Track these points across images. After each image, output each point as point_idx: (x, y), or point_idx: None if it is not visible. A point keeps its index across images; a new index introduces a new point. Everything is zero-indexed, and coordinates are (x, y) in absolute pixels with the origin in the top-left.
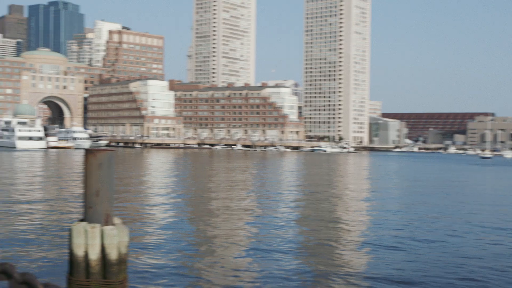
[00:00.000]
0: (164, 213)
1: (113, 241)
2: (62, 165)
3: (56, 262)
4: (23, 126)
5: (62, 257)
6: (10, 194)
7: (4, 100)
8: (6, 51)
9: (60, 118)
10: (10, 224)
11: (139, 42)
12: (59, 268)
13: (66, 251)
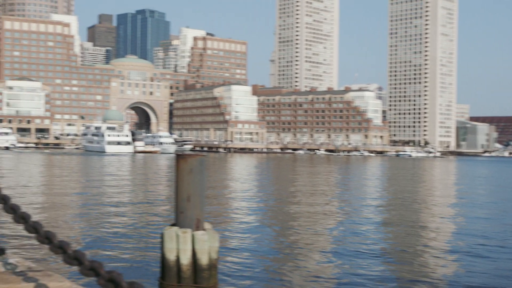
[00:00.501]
0: (248, 216)
1: (204, 246)
2: (149, 169)
3: (144, 265)
4: (112, 131)
5: (150, 260)
6: (100, 197)
7: (94, 106)
8: (96, 58)
9: (147, 123)
10: (100, 226)
11: (222, 48)
12: (146, 271)
13: (153, 254)
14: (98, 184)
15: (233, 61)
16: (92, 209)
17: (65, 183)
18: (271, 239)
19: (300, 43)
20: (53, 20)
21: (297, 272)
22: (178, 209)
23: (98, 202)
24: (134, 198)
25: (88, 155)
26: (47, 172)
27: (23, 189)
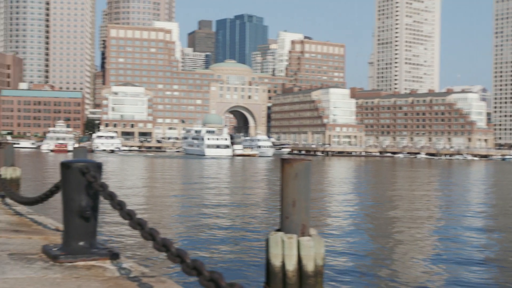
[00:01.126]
0: (346, 221)
1: (309, 252)
2: (248, 172)
3: (247, 269)
4: (212, 134)
5: (253, 265)
6: (201, 199)
7: (194, 110)
8: (196, 64)
9: (245, 126)
10: (201, 228)
11: (320, 51)
12: (249, 276)
13: (254, 258)
14: (198, 187)
15: (331, 64)
16: (193, 211)
17: (167, 185)
18: (370, 244)
19: (399, 44)
20: (156, 27)
21: (398, 279)
22: (283, 214)
23: (198, 204)
24: (233, 201)
25: (188, 158)
26: (149, 174)
27: (127, 190)
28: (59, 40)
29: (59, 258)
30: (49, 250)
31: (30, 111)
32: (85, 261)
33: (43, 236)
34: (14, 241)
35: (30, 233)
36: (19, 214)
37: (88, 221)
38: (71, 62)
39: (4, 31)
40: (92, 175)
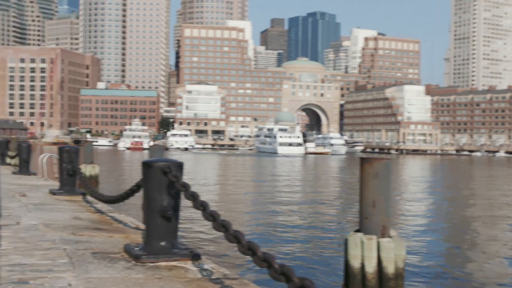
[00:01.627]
0: (423, 220)
1: (390, 254)
2: (321, 170)
3: (323, 269)
4: (284, 132)
5: (329, 265)
6: (274, 197)
7: (267, 108)
8: (268, 62)
9: (317, 124)
10: (275, 225)
11: (394, 47)
12: (327, 276)
13: (330, 258)
14: (270, 184)
15: (405, 61)
16: (265, 209)
17: (239, 183)
18: (448, 245)
19: (477, 39)
20: (229, 26)
21: (478, 281)
22: (362, 214)
23: (270, 202)
24: (306, 199)
25: (261, 156)
26: (222, 172)
27: (200, 187)
28: (135, 41)
29: (141, 258)
30: (131, 250)
31: (108, 109)
32: (166, 261)
33: (124, 235)
34: (96, 240)
35: (111, 232)
36: (100, 212)
37: (169, 221)
38: (146, 62)
39: (83, 33)
40: (174, 175)
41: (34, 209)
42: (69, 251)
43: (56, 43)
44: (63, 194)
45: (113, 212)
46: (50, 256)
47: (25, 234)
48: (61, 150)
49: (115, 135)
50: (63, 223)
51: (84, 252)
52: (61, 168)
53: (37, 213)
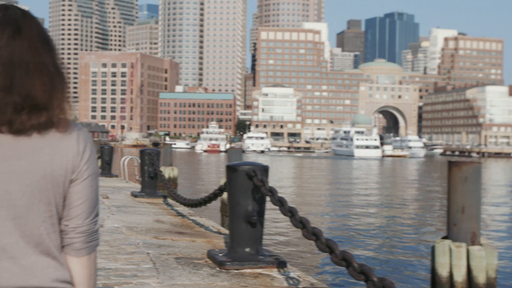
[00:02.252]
0: (510, 226)
1: (480, 263)
2: (399, 174)
3: (404, 275)
4: (361, 135)
5: (409, 271)
6: (352, 200)
7: (343, 110)
8: (344, 64)
9: (395, 127)
10: (353, 229)
11: (476, 47)
12: (406, 282)
13: (410, 264)
14: (347, 187)
15: (487, 61)
16: (342, 212)
17: (315, 185)
18: None
19: None
20: (305, 28)
21: None
22: (450, 220)
23: (348, 205)
24: (384, 203)
25: (337, 159)
26: (298, 174)
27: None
28: (212, 44)
29: (225, 265)
30: (215, 256)
31: (185, 112)
32: (251, 268)
33: (206, 239)
34: (179, 244)
35: (193, 236)
36: (181, 215)
37: (254, 227)
38: (223, 65)
39: (162, 37)
40: (260, 179)
41: (116, 212)
42: (152, 256)
43: (136, 48)
44: (144, 197)
45: (194, 216)
46: (134, 261)
47: (109, 237)
48: (142, 153)
49: (193, 138)
50: (145, 226)
51: (168, 257)
52: (143, 171)
53: (120, 216)
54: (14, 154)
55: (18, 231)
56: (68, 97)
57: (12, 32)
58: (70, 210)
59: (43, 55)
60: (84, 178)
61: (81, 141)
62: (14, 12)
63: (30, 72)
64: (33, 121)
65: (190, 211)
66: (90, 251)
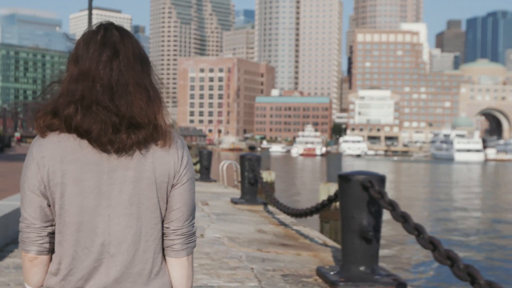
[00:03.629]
0: None
1: None
2: (503, 178)
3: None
4: (462, 138)
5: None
6: (454, 205)
7: (442, 113)
8: (444, 65)
9: (498, 129)
10: (458, 235)
11: None
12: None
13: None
14: (448, 191)
15: None
16: (446, 216)
17: (414, 189)
18: None
19: None
20: (402, 29)
21: None
22: None
23: (450, 209)
24: (490, 208)
25: (436, 163)
26: (395, 178)
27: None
28: (308, 48)
29: (338, 285)
30: (326, 274)
31: (281, 116)
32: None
33: (312, 253)
34: (283, 258)
35: (298, 248)
36: (284, 225)
37: (369, 243)
38: (319, 69)
39: (258, 42)
40: (377, 190)
41: (216, 220)
42: (257, 272)
43: (233, 53)
44: (244, 204)
45: (297, 225)
46: (238, 277)
47: (210, 249)
48: (242, 158)
49: (288, 141)
50: (247, 237)
51: (274, 274)
52: (243, 177)
53: (220, 225)
54: (122, 165)
55: (130, 239)
56: (165, 113)
57: (110, 56)
58: (170, 213)
59: (140, 75)
60: (183, 183)
61: (180, 148)
62: (111, 33)
63: (129, 92)
64: (132, 140)
65: (292, 219)
66: (188, 252)
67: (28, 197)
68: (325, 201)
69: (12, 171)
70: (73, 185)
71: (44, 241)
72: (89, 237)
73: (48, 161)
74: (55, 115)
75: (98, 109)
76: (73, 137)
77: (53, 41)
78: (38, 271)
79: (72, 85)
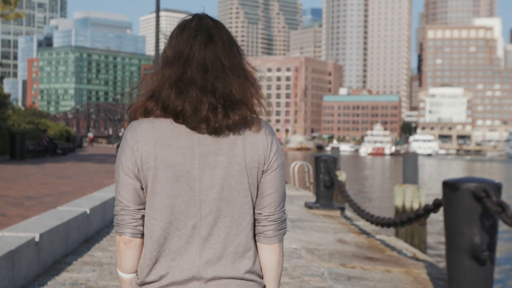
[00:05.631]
0: None
1: None
2: None
3: None
4: None
5: None
6: None
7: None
8: None
9: None
10: None
11: None
12: None
13: None
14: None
15: None
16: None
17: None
18: None
19: None
20: (475, 25)
21: None
22: None
23: None
24: None
25: (511, 163)
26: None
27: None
28: (377, 45)
29: None
30: None
31: (349, 115)
32: None
33: (404, 269)
34: (372, 275)
35: (386, 263)
36: (366, 233)
37: (483, 265)
38: (387, 66)
39: (326, 41)
40: (496, 202)
41: (292, 227)
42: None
43: (300, 52)
44: (320, 208)
45: (381, 234)
46: None
47: (287, 263)
48: (317, 160)
49: (356, 141)
50: (327, 248)
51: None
52: (318, 179)
53: (296, 233)
54: (213, 150)
55: (220, 222)
56: (261, 94)
57: (205, 39)
58: (262, 199)
59: (235, 58)
60: (274, 169)
61: (269, 134)
62: (206, 21)
63: (226, 73)
64: (228, 121)
65: (373, 226)
66: (280, 238)
67: (122, 180)
68: (421, 211)
69: (81, 172)
70: (165, 168)
71: (138, 224)
72: (181, 220)
73: (142, 146)
74: (151, 98)
75: (193, 89)
76: (166, 122)
77: (124, 43)
78: (132, 255)
79: (167, 68)
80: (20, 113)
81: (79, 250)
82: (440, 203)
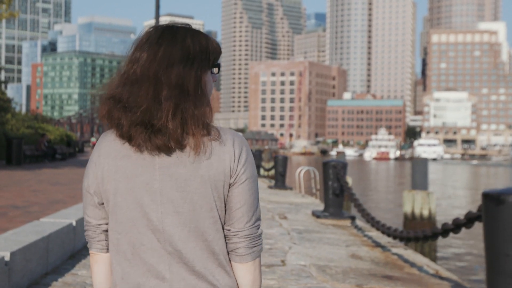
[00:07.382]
0: None
1: None
2: None
3: None
4: None
5: None
6: None
7: None
8: None
9: None
10: None
11: None
12: None
13: None
14: None
15: None
16: None
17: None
18: None
19: None
20: (479, 29)
21: None
22: None
23: None
24: None
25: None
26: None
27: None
28: (381, 50)
29: None
30: None
31: (353, 120)
32: None
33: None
34: None
35: (407, 283)
36: (380, 246)
37: None
38: (392, 71)
39: (330, 45)
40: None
41: (299, 239)
42: None
43: (304, 56)
44: (328, 218)
45: (397, 247)
46: None
47: (296, 284)
48: (326, 165)
49: (361, 145)
50: (340, 265)
51: None
52: (326, 186)
53: (304, 247)
54: (174, 162)
55: (184, 237)
56: (203, 112)
57: (154, 52)
58: (230, 214)
59: (181, 73)
60: (242, 182)
61: (237, 146)
62: (157, 34)
63: (171, 89)
64: (154, 143)
65: (389, 239)
66: (254, 256)
67: (84, 196)
68: (451, 226)
69: (77, 179)
70: (125, 181)
71: (101, 239)
72: (145, 234)
73: (104, 159)
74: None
75: (126, 109)
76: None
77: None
78: (99, 270)
79: (116, 86)
80: (20, 118)
81: (61, 268)
82: (475, 218)
